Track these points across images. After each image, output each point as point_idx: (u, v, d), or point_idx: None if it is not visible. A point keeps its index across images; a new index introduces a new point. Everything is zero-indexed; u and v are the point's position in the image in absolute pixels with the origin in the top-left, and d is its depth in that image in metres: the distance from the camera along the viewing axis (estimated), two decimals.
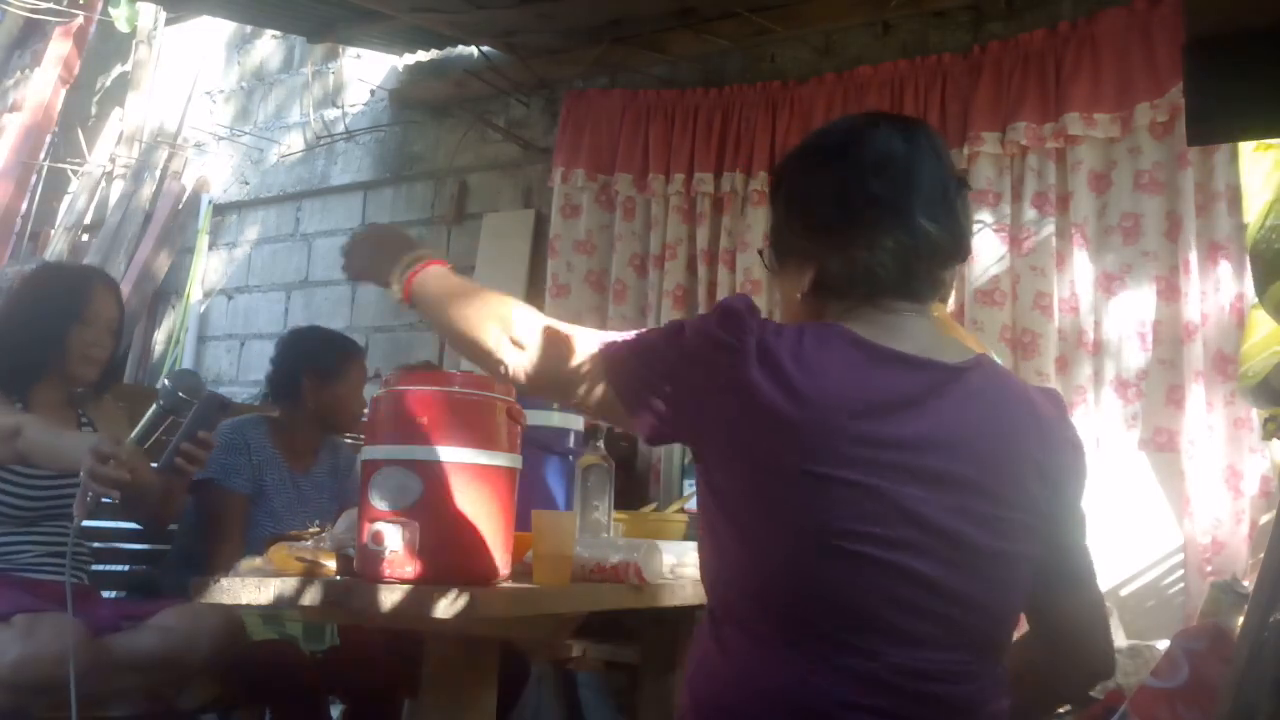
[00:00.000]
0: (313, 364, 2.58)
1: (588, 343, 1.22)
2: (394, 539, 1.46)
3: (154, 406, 1.82)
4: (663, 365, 1.14)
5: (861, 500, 1.06)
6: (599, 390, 1.19)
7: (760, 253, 1.32)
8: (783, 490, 1.08)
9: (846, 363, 1.10)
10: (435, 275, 1.38)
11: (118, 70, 5.92)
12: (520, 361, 1.24)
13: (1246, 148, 2.38)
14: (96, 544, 2.50)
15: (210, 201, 5.21)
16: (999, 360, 2.45)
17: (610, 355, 1.19)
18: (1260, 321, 2.16)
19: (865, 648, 1.06)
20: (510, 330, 1.25)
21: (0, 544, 2.14)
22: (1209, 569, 2.69)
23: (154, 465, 1.90)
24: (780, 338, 1.10)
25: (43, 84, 5.80)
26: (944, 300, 2.57)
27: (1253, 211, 1.93)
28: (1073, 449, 1.23)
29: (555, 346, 1.23)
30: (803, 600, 1.08)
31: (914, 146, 1.18)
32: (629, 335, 1.22)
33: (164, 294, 5.27)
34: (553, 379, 1.23)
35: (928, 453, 1.09)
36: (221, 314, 5.10)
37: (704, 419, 1.12)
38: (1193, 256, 2.85)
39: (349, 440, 2.83)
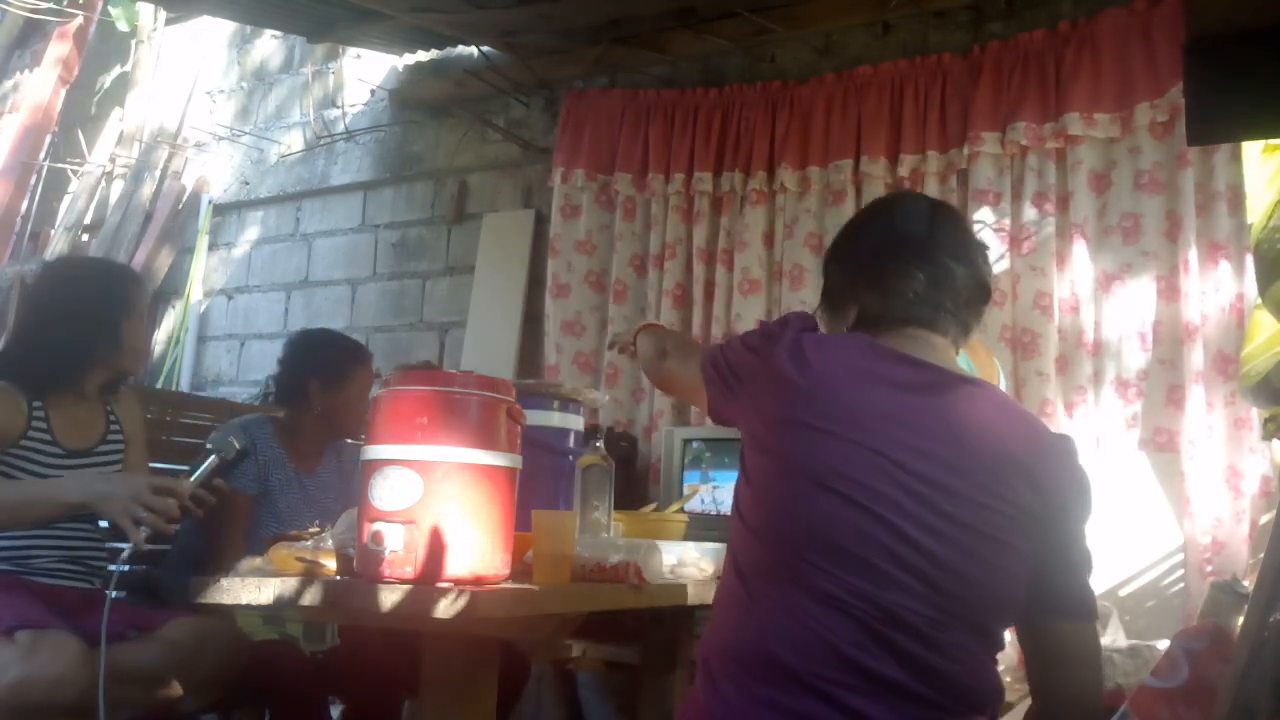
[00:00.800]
0: (320, 368, 2.57)
1: (698, 349, 1.61)
2: (394, 539, 1.46)
3: (212, 458, 1.95)
4: (733, 355, 1.42)
5: (847, 451, 1.24)
6: (696, 380, 1.50)
7: (813, 314, 1.51)
8: (785, 439, 1.28)
9: (856, 353, 1.31)
10: (649, 329, 1.91)
11: (118, 70, 5.92)
12: (660, 365, 1.74)
13: (1254, 149, 2.37)
14: None
15: (210, 201, 5.21)
16: (1002, 370, 2.47)
17: (705, 352, 1.51)
18: (1262, 324, 2.16)
19: (841, 578, 1.20)
20: (663, 344, 1.77)
21: (17, 546, 2.12)
22: (1209, 569, 2.69)
23: None
24: (810, 336, 1.34)
25: (43, 84, 5.80)
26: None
27: (1257, 212, 1.93)
28: (1076, 486, 1.31)
29: (679, 354, 1.71)
30: (792, 529, 1.25)
31: (938, 211, 1.42)
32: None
33: (164, 294, 5.27)
34: (673, 377, 1.70)
35: (916, 431, 1.25)
36: (221, 314, 5.10)
37: (746, 396, 1.37)
38: (1193, 256, 2.85)
39: (354, 441, 2.82)
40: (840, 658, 1.18)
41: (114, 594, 1.77)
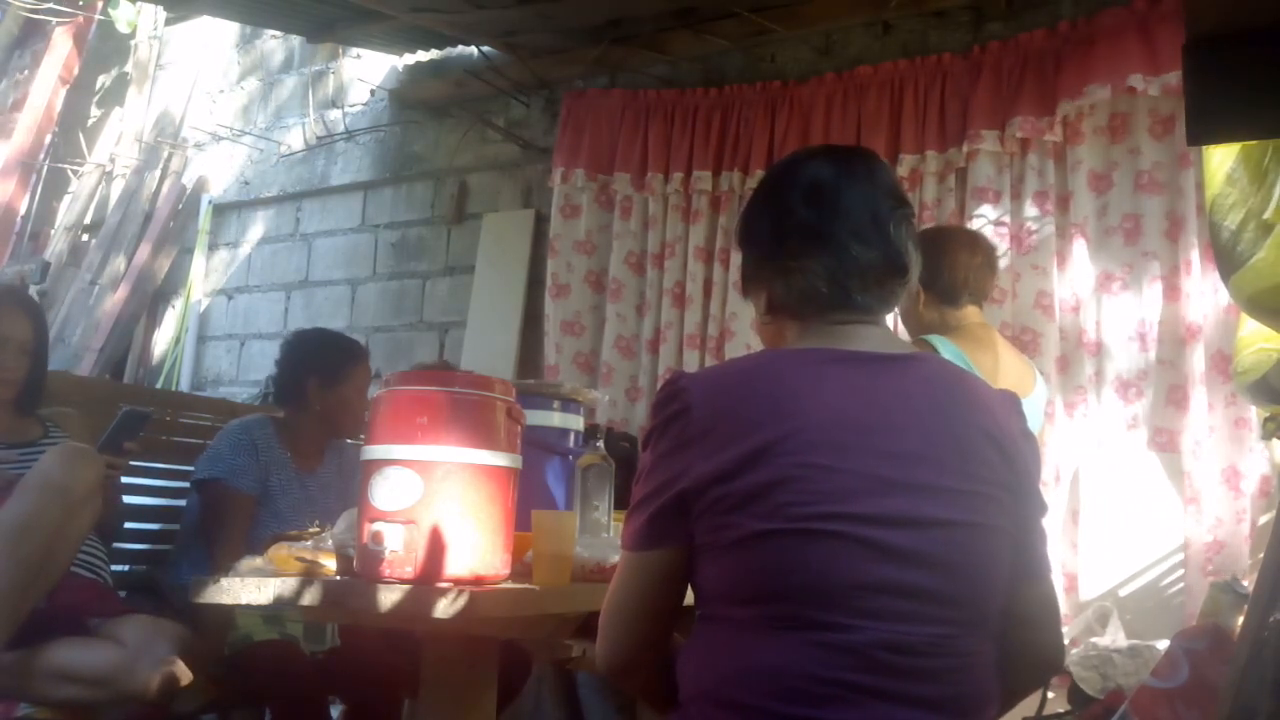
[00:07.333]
0: (317, 367, 2.58)
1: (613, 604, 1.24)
2: (394, 539, 1.46)
3: (116, 419, 2.17)
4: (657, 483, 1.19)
5: (830, 482, 1.12)
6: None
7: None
8: (761, 496, 1.13)
9: (794, 370, 1.18)
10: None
11: (117, 70, 5.92)
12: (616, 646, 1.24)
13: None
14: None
15: (210, 201, 5.21)
16: (1040, 377, 2.45)
17: (636, 536, 1.21)
18: (1247, 318, 2.15)
19: (837, 621, 1.09)
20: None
21: None
22: (1209, 569, 2.69)
23: None
24: (710, 381, 1.20)
25: (43, 84, 5.81)
26: (979, 304, 2.50)
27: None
28: (1028, 440, 1.26)
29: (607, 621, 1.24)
30: (783, 587, 1.11)
31: (844, 174, 1.26)
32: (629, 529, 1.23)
33: (164, 294, 5.28)
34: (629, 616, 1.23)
35: (883, 433, 1.14)
36: (221, 314, 5.10)
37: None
38: (1194, 256, 2.85)
39: (354, 441, 2.82)
40: (829, 681, 1.09)
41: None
